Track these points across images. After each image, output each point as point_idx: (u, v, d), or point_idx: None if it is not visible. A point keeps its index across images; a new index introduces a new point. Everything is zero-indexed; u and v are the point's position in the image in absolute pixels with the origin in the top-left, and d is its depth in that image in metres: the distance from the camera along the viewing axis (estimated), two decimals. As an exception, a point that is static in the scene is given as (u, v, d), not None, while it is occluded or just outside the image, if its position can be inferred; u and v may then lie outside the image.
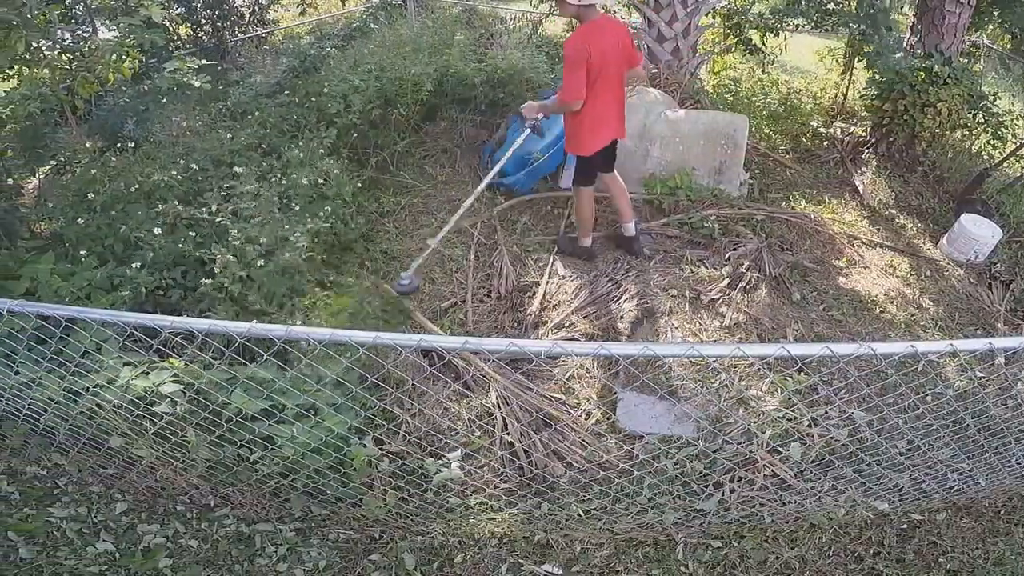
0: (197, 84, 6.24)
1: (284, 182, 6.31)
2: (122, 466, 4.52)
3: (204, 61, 6.42)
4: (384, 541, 4.38)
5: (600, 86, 5.76)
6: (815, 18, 8.94)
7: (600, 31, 5.66)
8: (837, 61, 10.38)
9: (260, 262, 5.39)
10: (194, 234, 5.61)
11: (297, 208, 6.07)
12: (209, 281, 5.20)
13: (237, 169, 6.11)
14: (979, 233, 7.09)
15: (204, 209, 5.76)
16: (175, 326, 3.34)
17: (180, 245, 5.49)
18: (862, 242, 7.28)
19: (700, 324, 5.78)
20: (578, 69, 5.57)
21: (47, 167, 6.97)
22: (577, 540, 4.33)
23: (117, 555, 4.18)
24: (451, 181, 7.84)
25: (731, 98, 8.86)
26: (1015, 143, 8.63)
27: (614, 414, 5.02)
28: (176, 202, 5.80)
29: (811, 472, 4.55)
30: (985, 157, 8.92)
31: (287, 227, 5.69)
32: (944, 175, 8.66)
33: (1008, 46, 11.53)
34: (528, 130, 6.21)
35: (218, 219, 5.71)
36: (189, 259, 5.52)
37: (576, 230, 6.71)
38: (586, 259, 6.67)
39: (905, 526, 4.45)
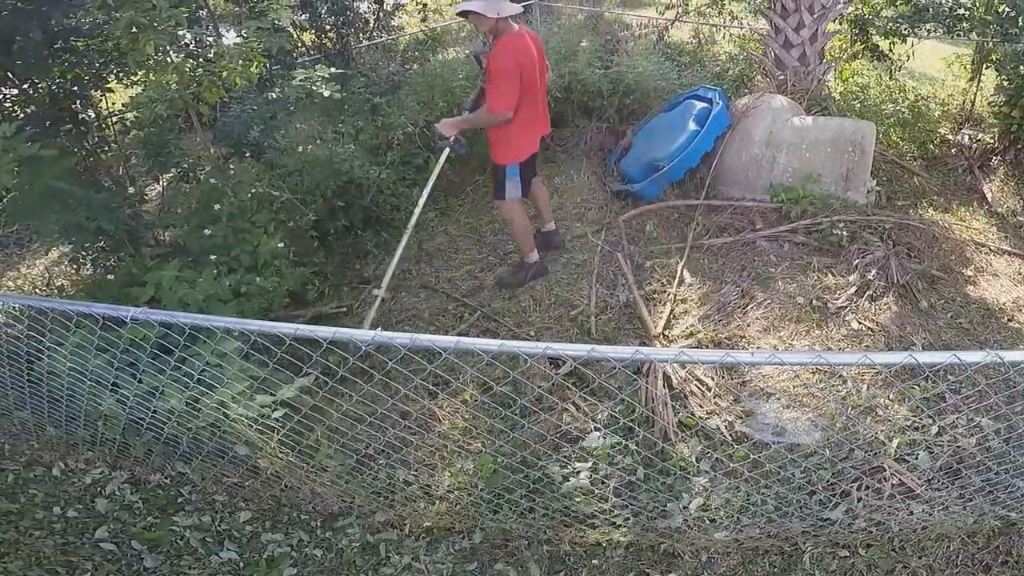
0: (327, 93, 6.39)
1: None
2: (246, 475, 4.59)
3: (332, 69, 6.57)
4: (510, 550, 4.36)
5: (530, 94, 5.93)
6: (947, 23, 8.78)
7: (523, 42, 5.83)
8: (965, 67, 10.20)
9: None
10: (317, 245, 5.73)
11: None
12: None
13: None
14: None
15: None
16: (299, 334, 3.28)
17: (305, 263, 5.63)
18: (990, 250, 7.17)
19: (827, 332, 5.83)
20: (513, 80, 5.72)
21: (171, 174, 7.00)
22: (703, 549, 4.31)
23: (241, 564, 4.23)
24: (576, 188, 8.01)
25: (859, 105, 8.81)
26: None
27: (742, 422, 5.10)
28: (311, 216, 5.92)
29: (939, 481, 4.55)
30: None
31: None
32: (1073, 182, 8.45)
33: None
34: (447, 150, 6.11)
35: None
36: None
37: (519, 254, 6.80)
38: (540, 276, 6.71)
39: (1034, 535, 4.43)
